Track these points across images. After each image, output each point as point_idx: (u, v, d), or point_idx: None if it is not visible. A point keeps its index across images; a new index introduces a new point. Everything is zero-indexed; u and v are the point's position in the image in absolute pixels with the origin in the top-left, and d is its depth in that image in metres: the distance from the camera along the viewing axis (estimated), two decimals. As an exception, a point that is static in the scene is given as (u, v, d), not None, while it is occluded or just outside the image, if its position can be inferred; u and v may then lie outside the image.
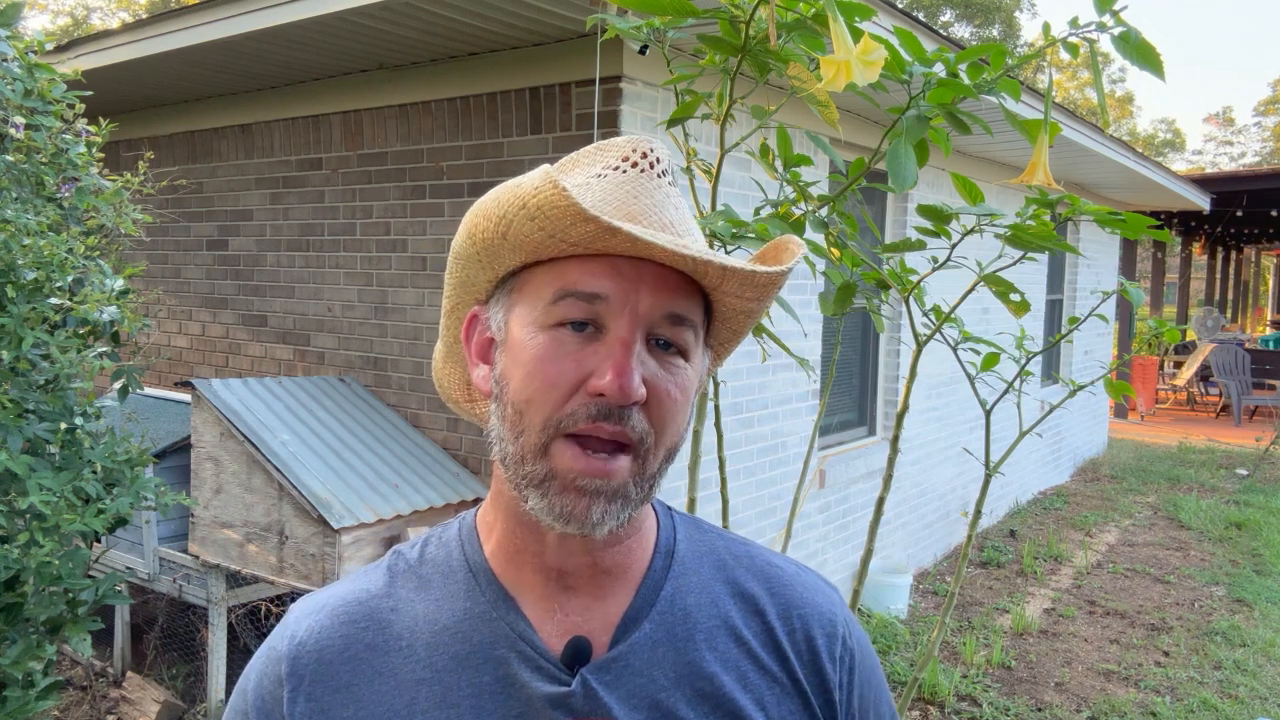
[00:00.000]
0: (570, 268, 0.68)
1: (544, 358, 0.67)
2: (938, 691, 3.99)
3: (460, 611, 0.73)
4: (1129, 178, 7.32)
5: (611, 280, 0.67)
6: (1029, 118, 1.52)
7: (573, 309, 0.67)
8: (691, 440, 1.86)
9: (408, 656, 0.71)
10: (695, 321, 0.71)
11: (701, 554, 0.79)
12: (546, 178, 0.64)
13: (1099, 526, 6.91)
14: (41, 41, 2.55)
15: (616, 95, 3.24)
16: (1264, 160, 39.91)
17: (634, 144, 0.73)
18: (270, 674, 0.73)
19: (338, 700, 0.70)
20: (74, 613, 2.20)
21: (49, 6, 25.15)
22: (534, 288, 0.70)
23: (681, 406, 0.70)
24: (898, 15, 3.46)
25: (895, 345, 5.41)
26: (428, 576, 0.75)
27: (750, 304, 0.74)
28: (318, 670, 0.72)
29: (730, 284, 0.70)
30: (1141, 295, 1.88)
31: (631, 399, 0.65)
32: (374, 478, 3.24)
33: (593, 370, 0.66)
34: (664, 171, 0.73)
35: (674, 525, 0.80)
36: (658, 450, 0.69)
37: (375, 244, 3.96)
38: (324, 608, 0.75)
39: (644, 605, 0.74)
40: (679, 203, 0.74)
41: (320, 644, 0.73)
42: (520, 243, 0.69)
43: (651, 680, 0.71)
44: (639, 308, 0.67)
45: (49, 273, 2.22)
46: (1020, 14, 30.86)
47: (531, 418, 0.67)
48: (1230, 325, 18.48)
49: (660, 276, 0.68)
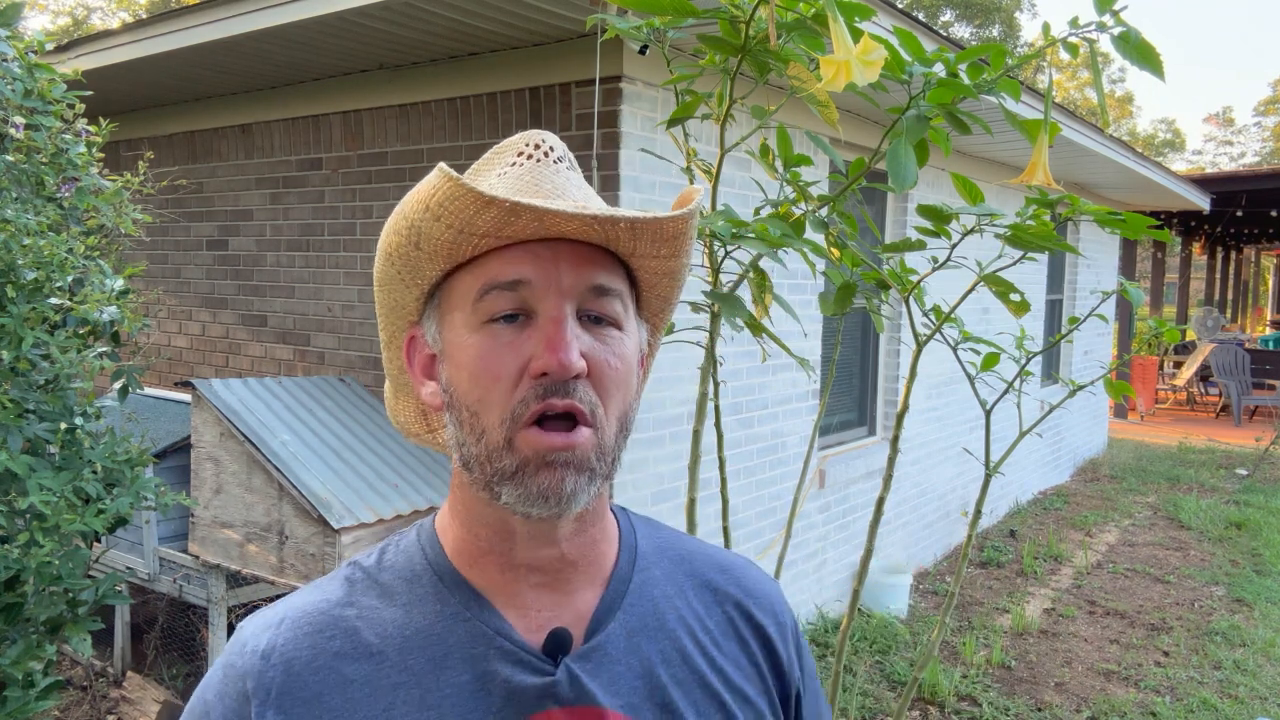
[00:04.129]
0: (489, 263, 0.70)
1: (483, 354, 0.69)
2: (938, 691, 3.99)
3: (431, 614, 0.72)
4: (1129, 178, 7.32)
5: (530, 264, 0.68)
6: (1029, 118, 1.52)
7: (499, 301, 0.69)
8: (692, 440, 1.86)
9: (380, 663, 0.70)
10: (620, 290, 0.72)
11: (660, 549, 0.83)
12: (441, 174, 0.66)
13: (1099, 526, 6.91)
14: (41, 41, 2.55)
15: (616, 95, 3.24)
16: (1264, 160, 39.91)
17: (526, 137, 0.76)
18: (230, 693, 0.70)
19: (309, 712, 0.68)
20: (74, 613, 2.20)
21: (49, 6, 25.15)
22: (459, 292, 0.71)
23: (624, 375, 0.71)
24: (898, 15, 3.46)
25: (895, 345, 5.41)
26: (390, 583, 0.74)
27: (669, 262, 0.75)
28: (285, 682, 0.69)
29: (643, 243, 0.71)
30: (1141, 295, 1.88)
31: (572, 370, 0.67)
32: (374, 478, 3.24)
33: (531, 354, 0.68)
34: (560, 158, 0.75)
35: (632, 525, 0.83)
36: (610, 420, 0.70)
37: (375, 244, 3.95)
38: (283, 620, 0.73)
39: (615, 598, 0.76)
40: (581, 183, 0.76)
41: (285, 656, 0.70)
42: (434, 249, 0.70)
43: (629, 667, 0.73)
44: (562, 285, 0.69)
45: (49, 273, 2.22)
46: (1020, 14, 30.86)
47: (487, 417, 0.69)
48: (1230, 325, 18.48)
49: (577, 252, 0.70)
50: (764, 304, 1.85)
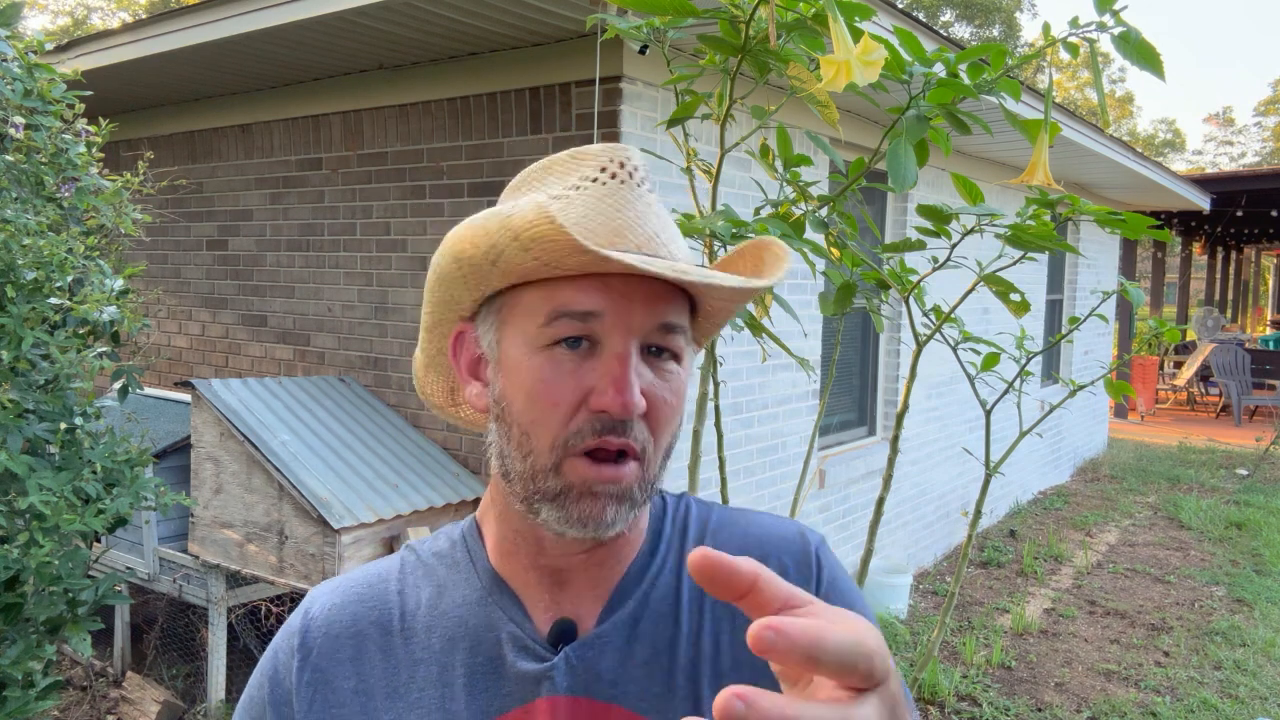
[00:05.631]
0: (561, 288, 0.69)
1: (544, 379, 0.69)
2: (938, 691, 3.99)
3: (459, 598, 0.77)
4: (1129, 178, 7.32)
5: (604, 297, 0.68)
6: (1029, 118, 1.52)
7: (567, 328, 0.68)
8: (691, 440, 1.86)
9: (408, 638, 0.76)
10: (685, 326, 0.73)
11: (684, 527, 0.81)
12: (541, 213, 0.64)
13: (1099, 526, 6.91)
14: (41, 41, 2.55)
15: (616, 95, 3.24)
16: (1264, 160, 39.90)
17: (610, 153, 0.74)
18: (285, 646, 0.79)
19: (340, 671, 0.76)
20: (74, 613, 2.20)
21: (49, 6, 25.15)
22: (524, 308, 0.71)
23: (676, 410, 0.73)
24: (898, 15, 3.46)
25: (895, 345, 5.41)
26: (433, 567, 0.80)
27: (734, 306, 0.77)
28: (324, 643, 0.77)
29: (715, 293, 0.72)
30: (1141, 295, 1.88)
31: (633, 413, 0.67)
32: (374, 478, 3.24)
33: (592, 387, 0.68)
34: (642, 180, 0.74)
35: (664, 506, 0.82)
36: (657, 454, 0.72)
37: (375, 244, 3.96)
38: (338, 588, 0.81)
39: (630, 585, 0.76)
40: (660, 211, 0.75)
41: (329, 620, 0.78)
42: (510, 269, 0.70)
43: (631, 655, 0.73)
44: (633, 322, 0.68)
45: (49, 273, 2.22)
46: (1020, 14, 30.86)
47: (539, 439, 0.69)
48: (1230, 325, 18.48)
49: (651, 290, 0.69)
50: (764, 304, 1.85)
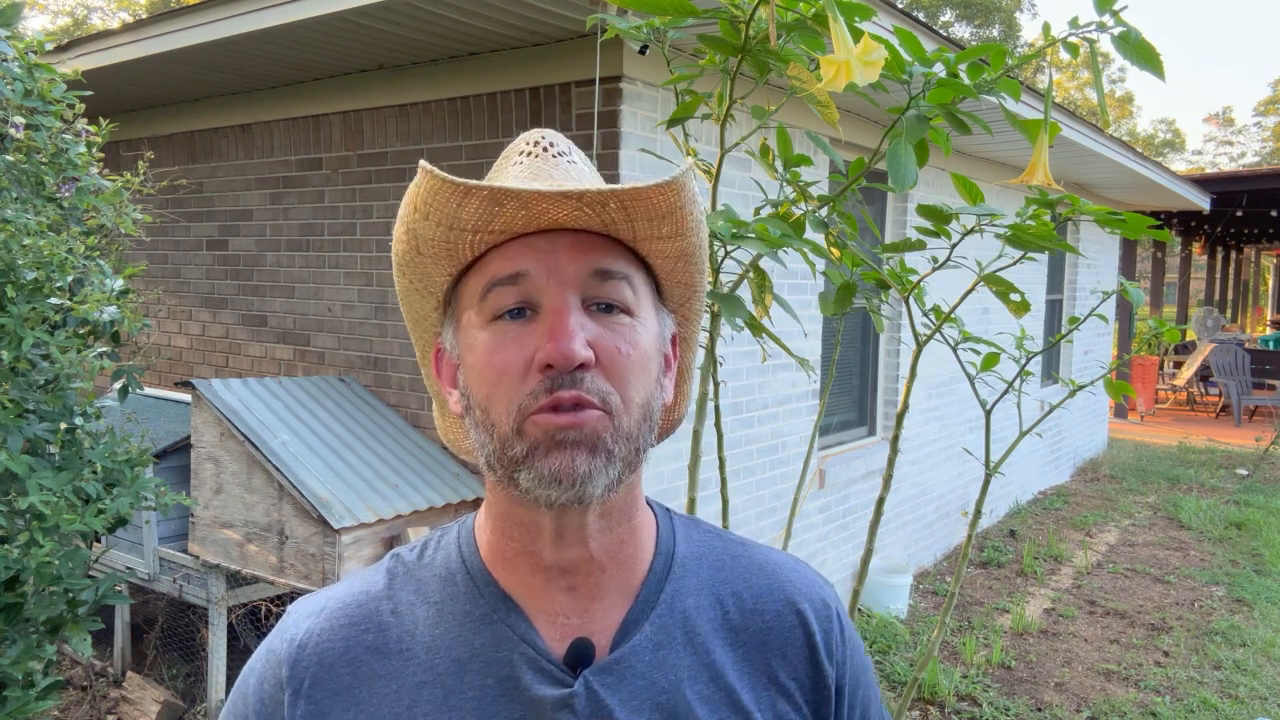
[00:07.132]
0: (490, 261, 0.69)
1: (490, 351, 0.68)
2: (938, 691, 3.99)
3: (461, 615, 0.73)
4: (1129, 178, 7.32)
5: (529, 256, 0.68)
6: (1029, 118, 1.52)
7: (503, 296, 0.68)
8: (691, 440, 1.86)
9: (408, 660, 0.71)
10: (627, 274, 0.70)
11: (700, 555, 0.79)
12: (422, 171, 0.65)
13: (1099, 526, 6.91)
14: (41, 41, 2.55)
15: (616, 95, 3.24)
16: (1264, 160, 39.90)
17: (528, 136, 0.75)
18: (269, 677, 0.73)
19: (338, 703, 0.70)
20: (74, 613, 2.20)
21: (49, 6, 25.15)
22: (467, 294, 0.72)
23: (639, 362, 0.69)
24: (898, 15, 3.46)
25: (895, 345, 5.41)
26: (427, 580, 0.75)
27: (675, 243, 0.72)
28: (318, 673, 0.72)
29: (640, 224, 0.69)
30: (1141, 295, 1.88)
31: (576, 359, 0.65)
32: (374, 478, 3.24)
33: (536, 347, 0.67)
34: (561, 152, 0.74)
35: (673, 527, 0.80)
36: (629, 409, 0.68)
37: (375, 244, 3.96)
38: (323, 610, 0.75)
39: (645, 608, 0.73)
40: (586, 173, 0.74)
41: (320, 646, 0.73)
42: (434, 251, 0.70)
43: (652, 683, 0.71)
44: (564, 274, 0.68)
45: (49, 273, 2.22)
46: (1020, 14, 30.86)
47: (497, 410, 0.67)
48: (1230, 325, 18.47)
49: (578, 241, 0.69)
50: (764, 304, 1.85)
